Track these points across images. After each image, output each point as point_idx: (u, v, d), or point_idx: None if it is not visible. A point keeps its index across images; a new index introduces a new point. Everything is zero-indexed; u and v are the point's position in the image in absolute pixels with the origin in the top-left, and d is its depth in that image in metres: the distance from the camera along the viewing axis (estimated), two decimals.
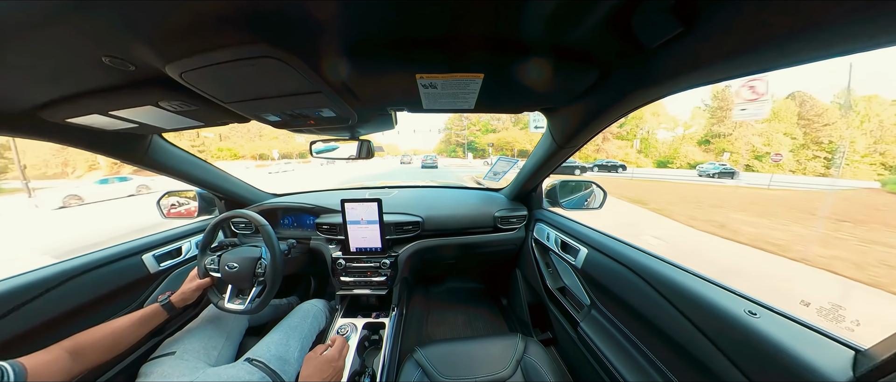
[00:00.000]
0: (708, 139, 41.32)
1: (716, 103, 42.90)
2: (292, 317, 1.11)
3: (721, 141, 40.05)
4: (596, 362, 0.95)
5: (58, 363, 0.59)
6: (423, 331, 1.69)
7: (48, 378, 0.55)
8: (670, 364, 0.73)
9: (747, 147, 38.58)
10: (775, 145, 36.77)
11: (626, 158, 39.92)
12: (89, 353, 0.66)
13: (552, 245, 1.27)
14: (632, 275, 0.82)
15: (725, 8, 0.36)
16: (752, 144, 39.09)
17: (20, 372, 0.50)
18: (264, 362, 0.85)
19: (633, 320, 0.86)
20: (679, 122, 46.85)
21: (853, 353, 0.46)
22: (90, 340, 0.67)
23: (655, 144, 44.97)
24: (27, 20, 0.37)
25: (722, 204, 8.79)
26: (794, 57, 0.36)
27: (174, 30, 0.41)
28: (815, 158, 35.81)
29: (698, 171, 22.25)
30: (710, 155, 38.54)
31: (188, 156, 1.17)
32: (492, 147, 50.48)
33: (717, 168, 21.06)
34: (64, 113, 0.66)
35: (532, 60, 0.54)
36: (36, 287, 0.76)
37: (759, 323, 0.54)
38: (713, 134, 41.42)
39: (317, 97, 0.63)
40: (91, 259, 0.91)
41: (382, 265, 1.24)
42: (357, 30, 0.47)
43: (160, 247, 1.12)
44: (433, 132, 74.58)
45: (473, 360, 0.93)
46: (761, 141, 39.13)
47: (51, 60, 0.47)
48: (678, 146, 43.23)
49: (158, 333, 1.01)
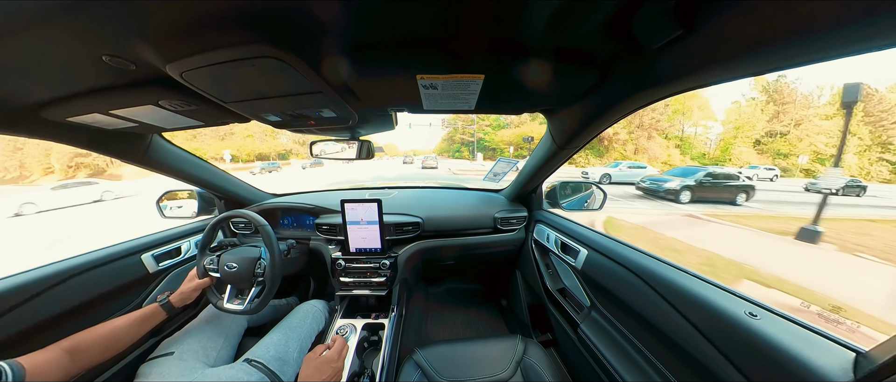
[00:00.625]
0: (760, 139, 34.56)
1: (765, 97, 35.80)
2: (292, 318, 1.10)
3: (775, 141, 33.60)
4: (596, 363, 0.95)
5: (56, 362, 0.59)
6: (422, 332, 1.69)
7: (47, 377, 0.55)
8: (670, 365, 0.73)
9: (810, 148, 32.22)
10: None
11: (669, 159, 33.50)
12: (87, 353, 0.66)
13: (552, 246, 1.27)
14: (632, 276, 0.82)
15: (725, 10, 0.36)
16: (814, 144, 32.43)
17: (18, 372, 0.50)
18: (263, 362, 0.85)
19: (633, 321, 0.85)
20: (717, 117, 39.32)
21: (854, 355, 0.46)
22: (88, 340, 0.67)
23: (695, 141, 37.42)
24: (29, 19, 0.37)
25: None
26: (795, 58, 0.36)
27: (175, 29, 0.41)
28: (879, 161, 30.49)
29: (807, 186, 15.21)
30: (765, 158, 32.88)
31: (188, 155, 1.17)
32: (512, 147, 40.21)
33: (840, 181, 12.52)
34: (64, 112, 0.66)
35: (532, 62, 0.54)
36: (35, 286, 0.76)
37: (760, 325, 0.54)
38: (765, 132, 34.62)
39: (317, 98, 0.63)
40: (90, 258, 0.90)
41: (382, 266, 1.24)
42: (358, 30, 0.47)
43: (159, 247, 1.12)
44: (435, 128, 64.31)
45: (473, 361, 0.92)
46: (824, 141, 32.43)
47: (52, 58, 0.47)
48: (728, 146, 35.54)
49: (157, 333, 1.01)
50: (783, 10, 0.32)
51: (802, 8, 0.31)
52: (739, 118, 36.98)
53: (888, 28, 0.28)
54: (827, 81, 42.75)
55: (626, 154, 32.87)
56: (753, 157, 33.79)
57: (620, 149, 33.25)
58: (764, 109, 36.03)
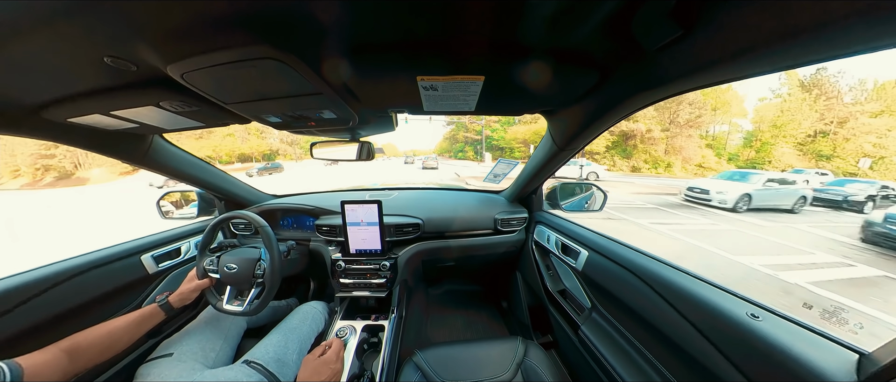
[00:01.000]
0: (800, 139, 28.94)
1: (802, 92, 29.87)
2: (291, 319, 1.10)
3: (816, 142, 27.98)
4: (597, 365, 0.95)
5: (55, 363, 0.58)
6: (422, 334, 1.68)
7: (45, 378, 0.55)
8: (672, 367, 0.73)
9: (860, 150, 26.42)
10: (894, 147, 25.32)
11: (704, 161, 28.95)
12: (86, 353, 0.66)
13: (552, 248, 1.27)
14: (632, 277, 0.82)
15: (724, 10, 0.36)
16: (862, 146, 26.59)
17: (17, 372, 0.50)
18: (262, 364, 0.85)
19: (635, 323, 0.85)
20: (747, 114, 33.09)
21: (857, 356, 0.46)
22: (87, 340, 0.67)
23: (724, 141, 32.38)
24: (31, 20, 0.37)
25: None
26: (795, 59, 0.36)
27: (177, 31, 0.41)
28: None
29: None
30: (806, 160, 27.30)
31: (188, 156, 1.17)
32: (531, 146, 30.31)
33: None
34: (65, 112, 0.66)
35: (532, 63, 0.54)
36: (35, 287, 0.76)
37: (762, 326, 0.54)
38: (807, 132, 28.89)
39: (318, 99, 0.63)
40: (89, 259, 0.90)
41: (382, 267, 1.24)
42: (358, 32, 0.47)
43: (159, 247, 1.12)
44: (436, 123, 54.34)
45: (473, 363, 0.92)
46: (874, 141, 26.53)
47: (54, 59, 0.47)
48: (765, 146, 30.13)
49: (156, 334, 1.00)
50: (782, 11, 0.32)
51: (801, 8, 0.31)
52: (782, 115, 30.84)
53: (887, 28, 0.28)
54: (868, 74, 34.01)
55: (656, 155, 27.54)
56: (795, 159, 28.58)
57: (650, 149, 28.06)
58: (813, 105, 29.64)
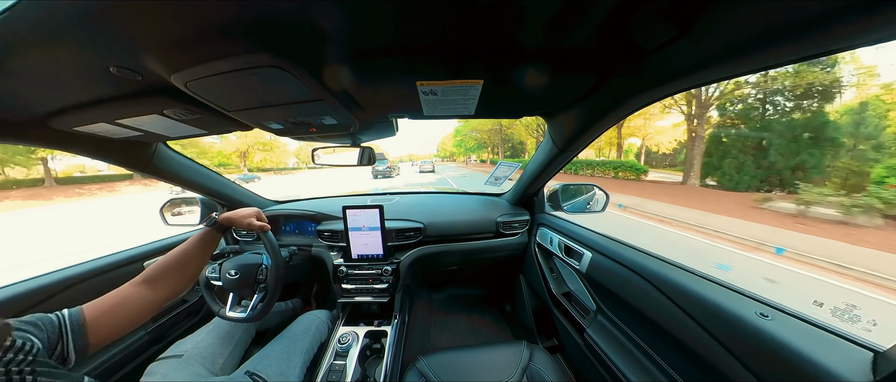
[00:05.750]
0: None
1: None
2: (295, 328, 1.10)
3: None
4: (603, 369, 0.93)
5: (136, 294, 0.59)
6: (425, 339, 1.67)
7: (131, 309, 0.57)
8: (681, 369, 0.71)
9: None
10: None
11: None
12: (165, 280, 0.66)
13: (555, 250, 1.26)
14: (637, 278, 0.81)
15: (720, 10, 0.36)
16: None
17: (75, 314, 0.50)
18: (264, 378, 0.85)
19: (641, 325, 0.84)
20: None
21: (872, 355, 0.45)
22: (162, 266, 0.67)
23: None
24: (39, 31, 0.38)
25: None
26: (792, 54, 0.37)
27: (181, 40, 0.42)
28: None
29: None
30: None
31: (192, 163, 1.18)
32: None
33: None
34: (72, 121, 0.67)
35: (531, 66, 0.55)
36: (37, 294, 0.76)
37: (771, 326, 0.53)
38: None
39: (319, 105, 0.64)
40: (93, 266, 0.91)
41: (384, 272, 1.23)
42: (358, 39, 0.48)
43: (162, 254, 1.12)
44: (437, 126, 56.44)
45: (478, 368, 0.91)
46: None
47: (60, 69, 0.48)
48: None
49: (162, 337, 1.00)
50: (778, 8, 0.32)
51: (799, 5, 0.31)
52: None
53: (883, 21, 0.28)
54: None
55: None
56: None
57: None
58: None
